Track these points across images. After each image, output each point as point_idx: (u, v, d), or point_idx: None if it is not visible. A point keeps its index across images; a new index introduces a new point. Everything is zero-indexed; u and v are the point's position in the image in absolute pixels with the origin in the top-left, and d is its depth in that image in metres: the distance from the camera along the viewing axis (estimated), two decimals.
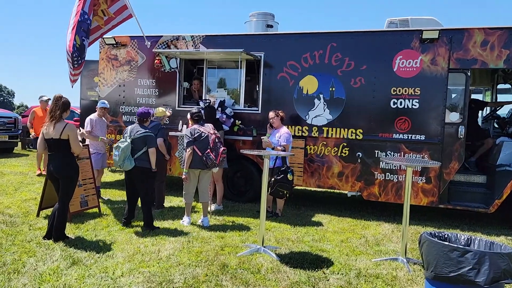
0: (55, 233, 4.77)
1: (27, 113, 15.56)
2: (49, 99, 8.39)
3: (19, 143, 13.88)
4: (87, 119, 6.95)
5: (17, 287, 3.60)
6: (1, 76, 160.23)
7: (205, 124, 5.84)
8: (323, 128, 6.85)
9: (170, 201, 7.19)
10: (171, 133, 7.18)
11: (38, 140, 4.89)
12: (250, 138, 7.13)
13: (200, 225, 5.76)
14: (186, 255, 4.54)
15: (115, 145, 5.42)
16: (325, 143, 6.85)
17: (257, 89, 7.29)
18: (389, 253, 4.93)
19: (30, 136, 8.69)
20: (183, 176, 5.73)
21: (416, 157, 6.32)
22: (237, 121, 7.23)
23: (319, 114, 6.87)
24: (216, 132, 5.79)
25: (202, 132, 5.66)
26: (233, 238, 5.28)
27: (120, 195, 7.51)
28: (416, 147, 6.38)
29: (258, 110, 7.23)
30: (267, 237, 5.35)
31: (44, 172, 8.05)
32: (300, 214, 6.71)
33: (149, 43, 7.53)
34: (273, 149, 6.12)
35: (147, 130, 5.55)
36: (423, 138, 6.34)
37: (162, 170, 6.67)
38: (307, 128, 6.95)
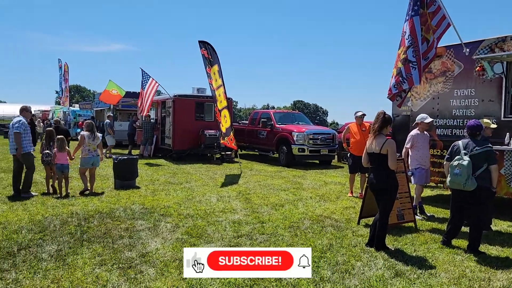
0: (377, 242, 5.04)
1: (342, 129, 17.46)
2: (364, 114, 8.84)
3: (336, 156, 15.69)
4: (409, 136, 6.94)
5: (349, 286, 3.98)
6: (317, 99, 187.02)
7: None
8: None
9: (496, 225, 6.31)
10: (495, 147, 6.31)
11: (363, 154, 5.32)
12: None
13: None
14: None
15: (455, 163, 5.04)
16: None
17: None
18: None
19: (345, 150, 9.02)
20: None
21: None
22: None
23: None
24: None
25: None
26: None
27: (435, 212, 7.20)
28: None
29: None
30: None
31: (355, 195, 8.69)
32: None
33: (467, 50, 6.96)
34: None
35: (487, 145, 5.06)
36: None
37: None
38: None
